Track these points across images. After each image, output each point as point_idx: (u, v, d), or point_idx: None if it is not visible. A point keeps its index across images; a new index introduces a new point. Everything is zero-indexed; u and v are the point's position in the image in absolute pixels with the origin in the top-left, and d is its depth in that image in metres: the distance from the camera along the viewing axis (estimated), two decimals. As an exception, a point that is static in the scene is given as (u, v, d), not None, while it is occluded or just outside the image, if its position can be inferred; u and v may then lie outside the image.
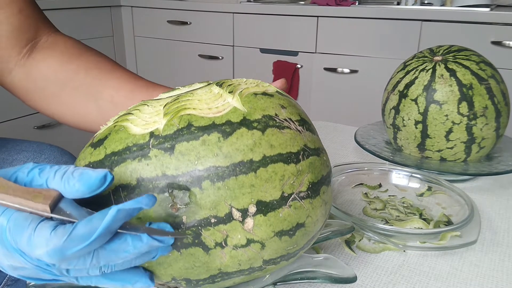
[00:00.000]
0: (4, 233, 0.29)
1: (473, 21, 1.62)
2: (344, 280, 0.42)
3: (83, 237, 0.28)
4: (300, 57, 1.99)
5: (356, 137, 0.79)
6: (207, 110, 0.35)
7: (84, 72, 0.57)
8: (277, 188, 0.34)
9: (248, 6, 2.05)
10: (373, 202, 0.63)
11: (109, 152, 0.35)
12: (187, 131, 0.34)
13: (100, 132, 0.38)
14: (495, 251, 0.53)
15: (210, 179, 0.33)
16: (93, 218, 0.28)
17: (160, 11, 2.32)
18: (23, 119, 1.93)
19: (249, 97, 0.36)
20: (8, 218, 0.29)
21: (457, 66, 0.68)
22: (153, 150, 0.34)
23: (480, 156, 0.71)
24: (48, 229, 0.28)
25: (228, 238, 0.34)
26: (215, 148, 0.33)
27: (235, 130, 0.34)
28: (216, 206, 0.33)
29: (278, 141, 0.35)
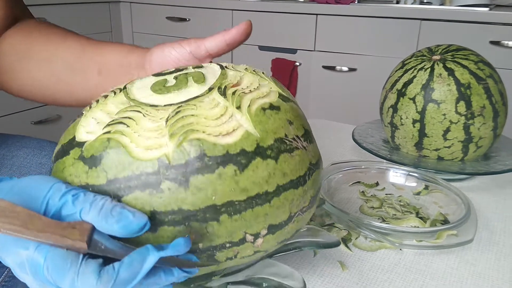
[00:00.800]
0: (40, 270, 0.29)
1: (472, 21, 1.62)
2: (329, 245, 0.45)
3: (125, 282, 0.29)
4: (299, 55, 1.98)
5: (354, 135, 0.79)
6: (216, 130, 0.33)
7: (44, 39, 0.56)
8: (286, 211, 0.36)
9: (247, 3, 2.04)
10: (370, 200, 0.63)
11: (112, 177, 0.32)
12: (201, 162, 0.32)
13: (89, 143, 0.33)
14: (491, 250, 0.53)
15: (228, 213, 0.33)
16: (134, 261, 0.29)
17: (159, 7, 2.31)
18: (20, 114, 1.93)
19: (258, 116, 0.35)
20: (44, 256, 0.29)
21: (456, 66, 0.68)
22: (165, 182, 0.32)
23: (477, 155, 0.72)
24: (93, 276, 0.28)
25: (239, 254, 0.36)
26: (232, 183, 0.33)
27: (250, 162, 0.33)
28: (231, 234, 0.34)
29: (290, 167, 0.36)
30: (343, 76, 1.91)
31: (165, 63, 0.46)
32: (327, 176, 0.65)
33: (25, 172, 0.65)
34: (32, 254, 0.29)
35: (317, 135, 0.88)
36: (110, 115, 0.35)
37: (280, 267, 0.43)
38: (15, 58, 0.56)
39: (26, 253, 0.29)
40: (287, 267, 0.43)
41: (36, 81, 0.56)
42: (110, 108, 0.36)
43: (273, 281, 0.41)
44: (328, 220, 0.58)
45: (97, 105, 0.37)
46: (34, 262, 0.29)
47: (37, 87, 0.57)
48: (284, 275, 0.42)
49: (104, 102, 0.37)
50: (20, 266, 0.29)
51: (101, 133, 0.34)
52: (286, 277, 0.42)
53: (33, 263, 0.29)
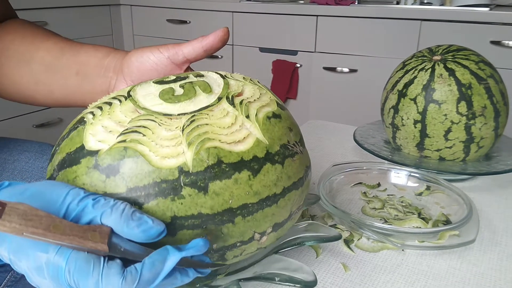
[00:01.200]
0: (61, 273, 0.29)
1: (472, 21, 1.62)
2: (331, 239, 0.46)
3: (148, 282, 0.30)
4: (300, 56, 1.99)
5: (355, 137, 0.79)
6: (230, 138, 0.35)
7: (20, 40, 0.56)
8: (288, 210, 0.40)
9: (248, 5, 2.05)
10: (371, 201, 0.63)
11: (132, 186, 0.33)
12: (218, 168, 0.34)
13: (105, 152, 0.34)
14: (494, 250, 0.53)
15: (242, 215, 0.36)
16: (155, 262, 0.30)
17: (159, 10, 2.32)
18: (21, 118, 1.93)
19: (265, 124, 0.38)
20: (66, 259, 0.29)
21: (456, 66, 0.68)
22: (186, 189, 0.33)
23: (478, 155, 0.72)
24: (118, 277, 0.29)
25: (244, 251, 0.38)
26: (246, 187, 0.35)
27: (262, 167, 0.36)
28: (243, 234, 0.37)
29: (293, 170, 0.39)
30: (344, 77, 1.91)
31: (143, 67, 0.47)
32: (329, 177, 0.65)
33: (26, 177, 0.65)
34: (53, 258, 0.29)
35: (318, 136, 0.89)
36: (122, 124, 0.36)
37: (288, 262, 0.44)
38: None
39: (46, 256, 0.29)
40: (296, 261, 0.44)
41: (16, 82, 0.56)
42: (119, 117, 0.36)
43: (284, 275, 0.42)
44: (330, 221, 0.58)
45: (103, 113, 0.37)
46: (54, 266, 0.29)
47: (17, 87, 0.57)
48: (294, 269, 0.43)
49: (111, 110, 0.37)
50: (37, 270, 0.29)
51: (115, 141, 0.34)
52: (295, 271, 0.43)
53: (53, 267, 0.29)
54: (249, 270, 0.43)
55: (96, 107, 0.38)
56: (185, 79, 0.41)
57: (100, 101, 0.39)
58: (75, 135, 0.36)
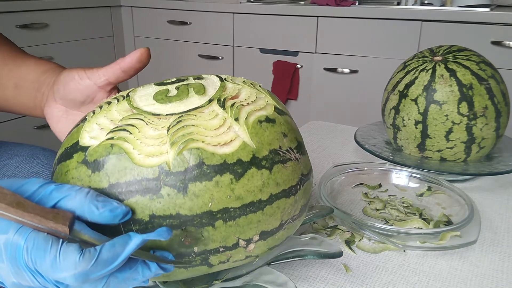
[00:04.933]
0: (19, 252, 0.29)
1: (473, 21, 1.62)
2: (331, 255, 0.45)
3: (107, 262, 0.29)
4: (300, 57, 1.99)
5: (356, 137, 0.79)
6: (215, 140, 0.35)
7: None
8: (278, 218, 0.38)
9: (248, 6, 2.05)
10: (373, 202, 0.63)
11: (114, 182, 0.34)
12: (199, 170, 0.34)
13: (93, 148, 0.35)
14: (495, 251, 0.53)
15: (223, 219, 0.35)
16: (116, 244, 0.30)
17: (160, 11, 2.32)
18: (22, 120, 1.93)
19: (255, 128, 0.37)
20: (25, 238, 0.29)
21: (457, 66, 0.68)
22: (165, 188, 0.33)
23: (480, 156, 0.71)
24: (75, 254, 0.29)
25: (231, 258, 0.38)
26: (228, 190, 0.35)
27: (246, 171, 0.35)
28: (225, 239, 0.36)
29: (283, 177, 0.38)
30: (345, 78, 1.91)
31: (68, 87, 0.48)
32: (330, 178, 0.65)
33: None
34: (12, 237, 0.29)
35: (319, 137, 0.89)
36: (114, 122, 0.37)
37: (276, 275, 0.44)
38: None
39: (6, 237, 0.29)
40: (283, 275, 0.44)
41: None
42: (113, 115, 0.37)
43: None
44: (332, 222, 0.58)
45: (101, 111, 0.38)
46: (13, 245, 0.29)
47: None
48: (279, 283, 0.43)
49: (108, 109, 0.38)
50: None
51: (104, 138, 0.35)
52: (280, 286, 0.43)
53: (12, 246, 0.29)
54: (240, 279, 0.43)
55: (98, 106, 0.39)
56: (183, 81, 0.41)
57: (105, 100, 0.41)
58: (74, 132, 0.38)
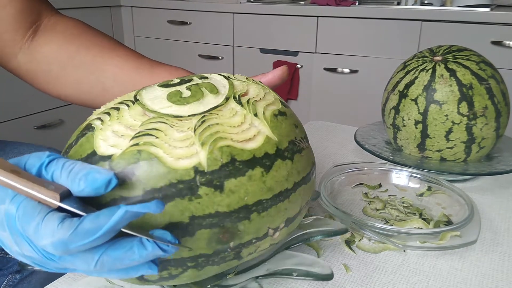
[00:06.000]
0: (13, 221, 0.29)
1: (473, 21, 1.62)
2: (337, 232, 0.47)
3: (88, 232, 0.28)
4: (300, 57, 1.99)
5: (356, 137, 0.79)
6: (240, 137, 0.36)
7: (84, 51, 0.57)
8: (298, 204, 0.41)
9: (248, 6, 2.05)
10: (373, 202, 0.63)
11: (149, 188, 0.33)
12: (233, 166, 0.35)
13: (118, 156, 0.34)
14: (495, 251, 0.53)
15: (257, 211, 0.36)
16: (100, 215, 0.28)
17: (160, 11, 2.32)
18: (22, 119, 1.93)
19: (273, 121, 0.39)
20: (17, 206, 0.29)
21: (457, 66, 0.68)
22: (202, 188, 0.34)
23: (480, 156, 0.71)
24: (56, 221, 0.28)
25: (259, 248, 0.39)
26: (260, 183, 0.36)
27: (273, 163, 0.37)
28: (258, 230, 0.37)
29: (302, 165, 0.40)
30: (345, 78, 1.91)
31: None
32: (330, 178, 0.65)
33: None
34: (7, 206, 0.29)
35: (319, 137, 0.89)
36: (133, 128, 0.36)
37: (302, 257, 0.45)
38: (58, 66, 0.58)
39: (4, 207, 0.29)
40: (310, 256, 0.45)
41: (82, 91, 0.59)
42: (129, 121, 0.36)
43: (301, 270, 0.43)
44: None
45: (112, 119, 0.37)
46: (9, 214, 0.29)
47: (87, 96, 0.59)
48: (309, 264, 0.44)
49: (119, 115, 0.37)
50: (0, 224, 0.30)
51: (128, 145, 0.34)
52: (311, 265, 0.44)
53: (8, 215, 0.29)
54: (260, 268, 0.44)
55: (102, 113, 0.38)
56: (190, 82, 0.41)
57: (105, 107, 0.39)
58: (84, 142, 0.36)
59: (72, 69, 0.57)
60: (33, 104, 1.95)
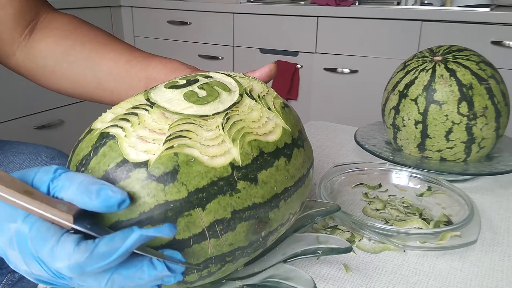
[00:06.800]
0: (25, 241, 0.29)
1: (473, 21, 1.62)
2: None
3: (103, 256, 0.28)
4: (300, 57, 1.99)
5: (356, 137, 0.79)
6: (262, 130, 0.38)
7: (80, 46, 0.58)
8: (308, 188, 0.44)
9: (248, 6, 2.05)
10: (373, 202, 0.63)
11: (192, 189, 0.33)
12: (262, 159, 0.37)
13: (156, 161, 0.33)
14: (495, 251, 0.53)
15: (284, 199, 0.39)
16: (115, 238, 0.29)
17: (160, 11, 2.32)
18: (22, 120, 1.93)
19: (284, 113, 0.42)
20: (30, 226, 0.29)
21: (457, 66, 0.68)
22: (240, 183, 0.35)
23: (480, 156, 0.71)
24: (71, 244, 0.28)
25: (280, 234, 0.42)
26: (285, 172, 0.39)
27: (292, 152, 0.40)
28: (283, 217, 0.40)
29: (310, 152, 0.44)
30: (345, 78, 1.91)
31: None
32: (330, 178, 0.65)
33: None
34: (19, 226, 0.29)
35: (320, 137, 0.89)
36: (161, 131, 0.35)
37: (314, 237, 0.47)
38: (54, 61, 0.58)
39: (15, 226, 0.29)
40: (319, 234, 0.47)
41: (80, 86, 0.59)
42: (153, 125, 0.36)
43: (325, 248, 0.44)
44: (331, 222, 0.58)
45: (134, 125, 0.36)
46: (20, 234, 0.29)
47: (83, 90, 0.60)
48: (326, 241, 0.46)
49: (140, 120, 0.36)
50: (9, 243, 0.29)
51: (162, 149, 0.34)
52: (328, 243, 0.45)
53: (19, 235, 0.29)
54: (277, 253, 0.45)
55: (118, 120, 0.37)
56: (197, 81, 0.41)
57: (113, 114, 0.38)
58: (107, 151, 0.35)
59: (68, 64, 0.58)
60: (33, 104, 1.95)
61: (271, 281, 0.42)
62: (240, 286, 0.41)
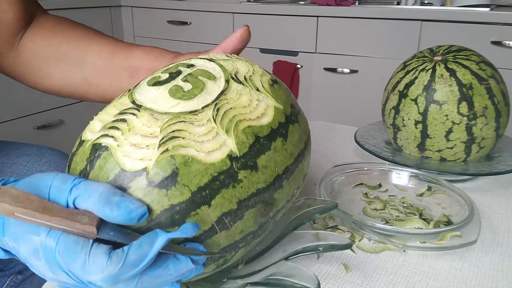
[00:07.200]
0: (52, 255, 0.29)
1: (473, 21, 1.62)
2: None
3: (135, 263, 0.29)
4: (300, 57, 1.99)
5: (356, 137, 0.79)
6: (254, 115, 0.37)
7: (66, 43, 0.59)
8: (308, 160, 0.45)
9: (248, 6, 2.05)
10: (373, 202, 0.63)
11: (195, 188, 0.33)
12: (259, 144, 0.37)
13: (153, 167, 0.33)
14: (495, 251, 0.53)
15: (286, 178, 0.39)
16: (142, 244, 0.30)
17: (160, 11, 2.32)
18: (22, 120, 1.93)
19: (273, 91, 0.41)
20: (56, 241, 0.29)
21: (457, 66, 0.68)
22: (241, 172, 0.35)
23: (480, 156, 0.71)
24: (103, 257, 0.29)
25: (286, 208, 0.42)
26: (283, 151, 0.39)
27: (287, 130, 0.40)
28: (288, 194, 0.40)
29: (305, 125, 0.44)
30: (345, 78, 1.91)
31: None
32: (330, 178, 0.65)
33: None
34: (44, 240, 0.29)
35: (319, 137, 0.89)
36: (153, 135, 0.34)
37: (313, 234, 0.47)
38: (42, 60, 0.59)
39: (39, 238, 0.29)
40: (319, 231, 0.47)
41: (66, 84, 0.59)
42: (144, 129, 0.35)
43: (325, 245, 0.44)
44: (332, 222, 0.58)
45: (124, 132, 0.35)
46: (46, 247, 0.29)
47: (70, 88, 0.60)
48: (325, 238, 0.46)
49: (130, 126, 0.35)
50: (34, 253, 0.30)
51: (157, 154, 0.33)
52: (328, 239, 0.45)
53: (45, 248, 0.29)
54: (277, 250, 0.45)
55: (108, 128, 0.36)
56: (180, 73, 0.40)
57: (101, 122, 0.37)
58: (103, 163, 0.34)
59: (55, 62, 0.59)
60: (33, 104, 1.95)
61: (275, 278, 0.42)
62: (243, 285, 0.41)
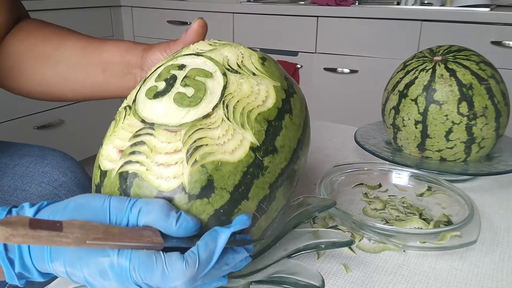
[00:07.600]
0: (126, 272, 0.31)
1: (473, 21, 1.62)
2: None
3: (206, 262, 0.32)
4: (300, 57, 1.99)
5: (356, 137, 0.79)
6: (258, 101, 0.38)
7: (42, 43, 0.59)
8: (310, 130, 0.46)
9: (248, 6, 2.05)
10: (373, 202, 0.63)
11: (232, 188, 0.35)
12: (272, 127, 0.38)
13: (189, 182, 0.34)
14: (495, 251, 0.53)
15: (300, 148, 0.41)
16: (208, 242, 0.33)
17: (160, 11, 2.32)
18: (22, 120, 1.93)
19: (267, 70, 0.41)
20: (128, 258, 0.31)
21: (457, 66, 0.68)
22: (265, 159, 0.37)
23: (480, 156, 0.71)
24: (180, 262, 0.31)
25: None
26: (292, 125, 0.40)
27: (290, 104, 0.41)
28: (303, 161, 0.43)
29: (299, 90, 0.45)
30: (345, 78, 1.91)
31: None
32: (330, 178, 0.65)
33: (27, 181, 0.65)
34: (116, 260, 0.31)
35: (319, 137, 0.89)
36: (177, 151, 0.35)
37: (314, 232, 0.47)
38: (19, 60, 0.59)
39: (109, 259, 0.31)
40: (320, 228, 0.48)
41: (44, 83, 0.60)
42: (165, 147, 0.35)
43: (327, 242, 0.45)
44: (331, 222, 0.58)
45: (148, 155, 0.35)
46: (119, 266, 0.31)
47: (45, 87, 0.60)
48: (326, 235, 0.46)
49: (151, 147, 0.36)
50: (101, 274, 0.31)
51: (188, 167, 0.34)
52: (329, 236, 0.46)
53: (117, 267, 0.31)
54: (278, 249, 0.45)
55: (128, 155, 0.36)
56: (176, 78, 0.39)
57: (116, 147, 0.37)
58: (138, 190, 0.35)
59: (32, 62, 0.59)
60: (33, 104, 1.95)
61: (279, 276, 0.42)
62: (247, 283, 0.41)
